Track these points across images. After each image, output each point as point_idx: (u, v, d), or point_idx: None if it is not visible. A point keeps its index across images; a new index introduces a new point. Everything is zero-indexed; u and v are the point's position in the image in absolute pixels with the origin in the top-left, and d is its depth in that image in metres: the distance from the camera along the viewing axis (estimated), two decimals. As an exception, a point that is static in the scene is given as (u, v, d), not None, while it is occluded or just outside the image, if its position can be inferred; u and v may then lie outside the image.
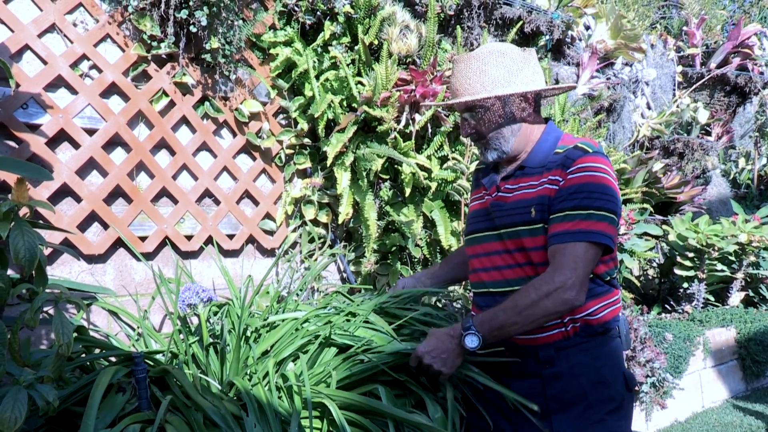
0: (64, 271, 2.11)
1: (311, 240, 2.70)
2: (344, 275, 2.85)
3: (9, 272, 1.24)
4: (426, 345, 1.47)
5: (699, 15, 6.24)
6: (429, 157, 2.79)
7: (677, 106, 5.25)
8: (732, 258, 4.19)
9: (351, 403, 1.45)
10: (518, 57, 1.49)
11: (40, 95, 2.02)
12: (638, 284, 4.16)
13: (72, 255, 1.73)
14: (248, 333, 1.84)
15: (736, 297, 4.33)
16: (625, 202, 3.83)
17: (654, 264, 4.52)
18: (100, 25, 2.16)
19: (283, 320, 1.86)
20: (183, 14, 2.20)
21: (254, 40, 2.56)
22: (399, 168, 2.70)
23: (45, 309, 1.72)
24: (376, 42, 2.71)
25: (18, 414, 1.04)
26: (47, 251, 2.02)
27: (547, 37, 3.86)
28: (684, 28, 6.17)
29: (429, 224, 2.85)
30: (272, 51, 2.59)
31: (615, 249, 1.47)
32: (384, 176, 2.79)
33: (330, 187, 2.75)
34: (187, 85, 2.36)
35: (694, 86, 5.68)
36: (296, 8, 2.60)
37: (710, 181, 5.65)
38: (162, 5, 2.18)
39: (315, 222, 2.76)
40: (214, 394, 1.47)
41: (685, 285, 4.14)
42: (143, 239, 2.26)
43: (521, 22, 3.59)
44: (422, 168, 2.72)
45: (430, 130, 2.80)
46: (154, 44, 2.25)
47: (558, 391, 1.46)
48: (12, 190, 1.22)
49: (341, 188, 2.63)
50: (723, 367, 3.89)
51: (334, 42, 2.65)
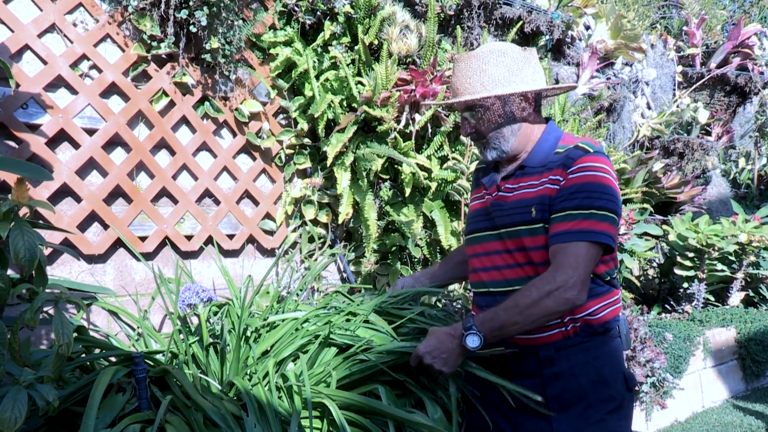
0: (64, 271, 2.11)
1: (311, 240, 2.70)
2: (344, 275, 2.85)
3: (9, 272, 1.24)
4: (426, 345, 1.47)
5: (699, 15, 6.24)
6: (429, 157, 2.79)
7: (677, 106, 5.25)
8: (732, 258, 4.19)
9: (351, 403, 1.45)
10: (519, 56, 1.49)
11: (40, 95, 2.02)
12: (638, 284, 4.16)
13: (72, 255, 1.73)
14: (248, 333, 1.84)
15: (736, 297, 4.33)
16: (625, 202, 3.83)
17: (654, 264, 4.52)
18: (100, 25, 2.16)
19: (283, 320, 1.86)
20: (183, 14, 2.20)
21: (254, 40, 2.56)
22: (399, 168, 2.70)
23: (45, 309, 1.72)
24: (376, 42, 2.71)
25: (18, 414, 1.04)
26: (47, 251, 2.02)
27: (547, 37, 3.86)
28: (684, 28, 6.18)
29: (429, 224, 2.85)
30: (272, 51, 2.59)
31: (615, 249, 1.48)
32: (384, 176, 2.79)
33: (330, 187, 2.75)
34: (187, 85, 2.36)
35: (694, 86, 5.68)
36: (296, 8, 2.60)
37: (710, 181, 5.65)
38: (162, 5, 2.18)
39: (315, 222, 2.76)
40: (214, 394, 1.47)
41: (685, 285, 4.14)
42: (143, 239, 2.26)
43: (521, 22, 3.59)
44: (422, 168, 2.72)
45: (430, 130, 2.80)
46: (154, 44, 2.25)
47: (558, 391, 1.46)
48: (12, 190, 1.22)
49: (341, 188, 2.63)
50: (723, 367, 3.89)
51: (334, 42, 2.65)
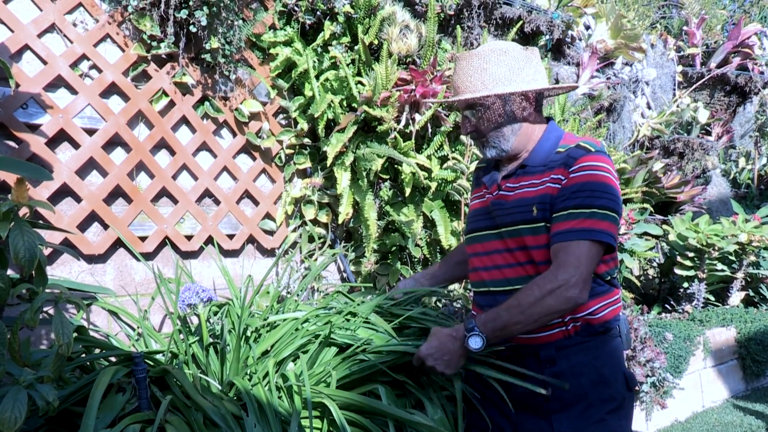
0: (64, 271, 2.11)
1: (311, 240, 2.70)
2: (344, 275, 2.85)
3: (9, 272, 1.24)
4: (429, 347, 1.47)
5: (699, 15, 6.24)
6: (429, 157, 2.79)
7: (677, 106, 5.25)
8: (732, 258, 4.19)
9: (351, 403, 1.44)
10: (520, 56, 1.49)
11: (40, 95, 2.02)
12: (638, 284, 4.16)
13: (72, 255, 1.73)
14: (248, 333, 1.84)
15: (737, 297, 4.33)
16: (626, 202, 3.83)
17: (654, 264, 4.52)
18: (100, 25, 2.16)
19: (284, 320, 1.86)
20: (183, 14, 2.20)
21: (254, 40, 2.56)
22: (399, 168, 2.70)
23: (45, 309, 1.72)
24: (376, 42, 2.70)
25: (18, 414, 1.04)
26: (47, 251, 2.02)
27: (547, 37, 3.86)
28: (684, 28, 6.17)
29: (429, 224, 2.85)
30: (272, 51, 2.58)
31: (616, 248, 1.47)
32: (384, 176, 2.79)
33: (330, 187, 2.75)
34: (187, 85, 2.36)
35: (694, 86, 5.68)
36: (296, 8, 2.60)
37: (710, 181, 5.65)
38: (162, 5, 2.18)
39: (315, 222, 2.76)
40: (214, 394, 1.47)
41: (686, 285, 4.14)
42: (143, 239, 2.26)
43: (521, 22, 3.59)
44: (422, 168, 2.72)
45: (430, 130, 2.80)
46: (154, 44, 2.25)
47: (558, 391, 1.46)
48: (12, 190, 1.22)
49: (341, 188, 2.62)
50: (723, 367, 3.89)
51: (334, 42, 2.65)
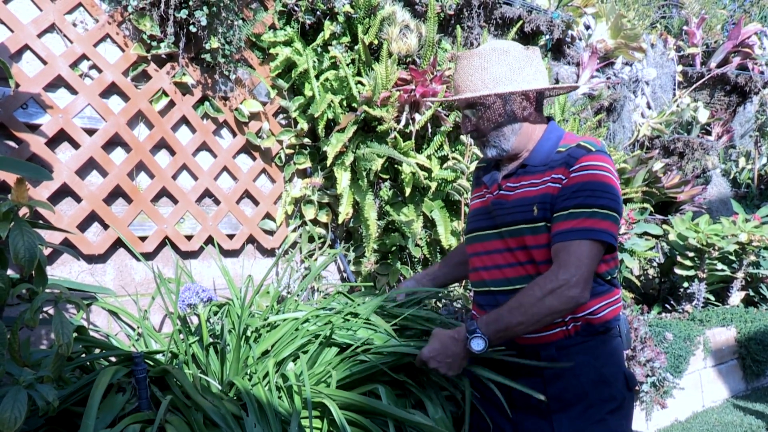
0: (64, 271, 2.11)
1: (311, 240, 2.70)
2: (344, 275, 2.85)
3: (9, 272, 1.24)
4: (431, 349, 1.47)
5: (699, 14, 6.23)
6: (429, 157, 2.79)
7: (677, 106, 5.24)
8: (732, 257, 4.19)
9: (351, 403, 1.44)
10: (521, 55, 1.49)
11: (40, 95, 2.02)
12: (638, 284, 4.16)
13: (72, 255, 1.73)
14: (248, 333, 1.84)
15: (737, 296, 4.33)
16: (626, 202, 3.83)
17: (654, 263, 4.52)
18: (100, 25, 2.16)
19: (284, 320, 1.86)
20: (183, 14, 2.20)
21: (254, 40, 2.56)
22: (399, 168, 2.70)
23: (45, 309, 1.73)
24: (376, 42, 2.70)
25: (18, 414, 1.04)
26: (47, 251, 2.02)
27: (547, 37, 3.86)
28: (684, 28, 6.17)
29: (429, 224, 2.85)
30: (272, 51, 2.58)
31: (616, 248, 1.47)
32: (384, 176, 2.79)
33: (330, 187, 2.74)
34: (187, 85, 2.36)
35: (695, 86, 5.68)
36: (296, 8, 2.59)
37: (710, 181, 5.65)
38: (162, 5, 2.18)
39: (315, 222, 2.75)
40: (214, 394, 1.47)
41: (686, 284, 4.14)
42: (143, 239, 2.26)
43: (521, 22, 3.59)
44: (422, 168, 2.72)
45: (430, 130, 2.80)
46: (154, 44, 2.25)
47: (559, 391, 1.46)
48: (12, 190, 1.22)
49: (341, 188, 2.62)
50: (723, 367, 3.89)
51: (334, 42, 2.65)
